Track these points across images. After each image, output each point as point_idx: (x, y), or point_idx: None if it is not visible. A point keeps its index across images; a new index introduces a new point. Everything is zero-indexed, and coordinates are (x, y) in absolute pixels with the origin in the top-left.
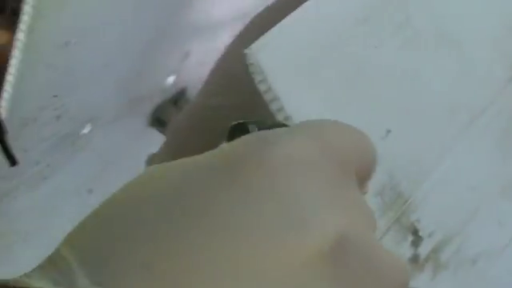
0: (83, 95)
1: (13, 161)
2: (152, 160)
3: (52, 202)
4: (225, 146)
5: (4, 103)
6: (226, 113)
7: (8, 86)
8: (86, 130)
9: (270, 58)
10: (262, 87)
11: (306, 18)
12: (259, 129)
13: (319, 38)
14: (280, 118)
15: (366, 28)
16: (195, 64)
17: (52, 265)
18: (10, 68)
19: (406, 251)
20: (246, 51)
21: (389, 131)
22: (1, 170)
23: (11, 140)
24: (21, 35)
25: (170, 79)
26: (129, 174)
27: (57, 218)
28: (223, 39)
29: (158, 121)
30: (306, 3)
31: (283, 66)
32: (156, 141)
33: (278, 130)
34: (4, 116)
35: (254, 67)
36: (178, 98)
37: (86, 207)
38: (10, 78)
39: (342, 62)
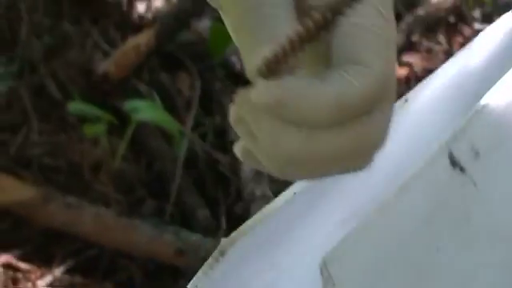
0: None
1: None
2: None
3: None
4: None
5: None
6: None
7: None
8: None
9: (344, 269)
10: None
11: (376, 225)
12: None
13: (385, 246)
14: None
15: (428, 230)
16: None
17: None
18: None
19: None
20: (325, 258)
21: None
22: None
23: None
24: None
25: None
26: None
27: None
28: None
29: None
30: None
31: (354, 277)
32: None
33: None
34: None
35: (326, 277)
36: None
37: None
38: None
39: (406, 269)
